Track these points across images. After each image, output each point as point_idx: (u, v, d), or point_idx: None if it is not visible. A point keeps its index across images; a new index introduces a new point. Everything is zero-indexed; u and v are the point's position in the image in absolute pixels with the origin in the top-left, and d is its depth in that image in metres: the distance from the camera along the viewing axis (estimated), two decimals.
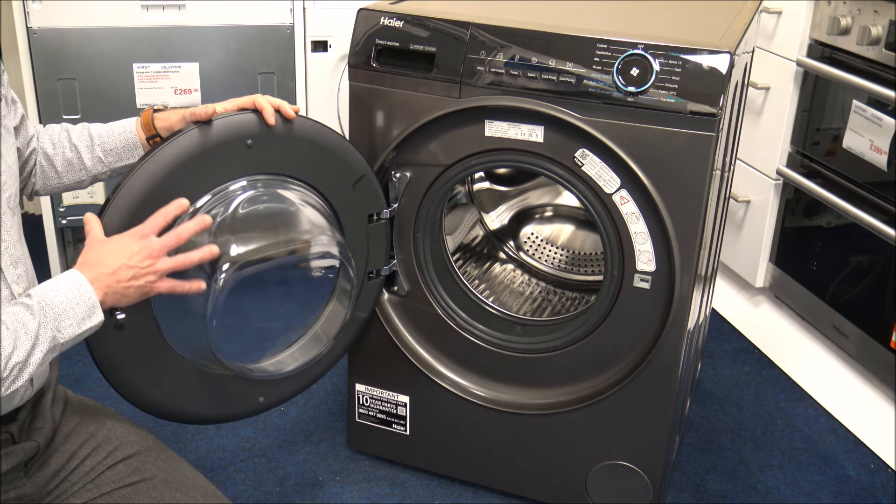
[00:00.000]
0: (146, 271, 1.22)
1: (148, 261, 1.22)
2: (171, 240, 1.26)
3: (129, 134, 1.41)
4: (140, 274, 1.22)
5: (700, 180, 1.50)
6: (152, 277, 1.23)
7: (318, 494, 1.91)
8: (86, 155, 1.40)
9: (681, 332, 1.61)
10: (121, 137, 1.41)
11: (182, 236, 1.27)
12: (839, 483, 2.00)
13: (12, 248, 1.21)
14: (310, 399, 2.20)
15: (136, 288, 1.22)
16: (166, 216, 1.28)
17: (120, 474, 1.31)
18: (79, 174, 1.42)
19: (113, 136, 1.41)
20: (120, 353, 1.34)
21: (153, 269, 1.23)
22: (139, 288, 1.22)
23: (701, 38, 1.51)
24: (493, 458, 1.86)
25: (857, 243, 2.25)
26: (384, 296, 1.81)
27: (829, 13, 2.23)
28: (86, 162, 1.40)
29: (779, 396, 2.30)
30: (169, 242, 1.25)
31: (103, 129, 1.42)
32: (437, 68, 1.60)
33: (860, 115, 2.16)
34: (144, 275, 1.22)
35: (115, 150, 1.41)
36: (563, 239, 2.18)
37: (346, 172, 1.58)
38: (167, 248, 1.25)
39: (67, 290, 1.15)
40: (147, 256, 1.22)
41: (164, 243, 1.25)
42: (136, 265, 1.21)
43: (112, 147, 1.41)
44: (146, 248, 1.23)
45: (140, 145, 1.41)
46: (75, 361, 2.25)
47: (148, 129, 1.41)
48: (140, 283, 1.22)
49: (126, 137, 1.41)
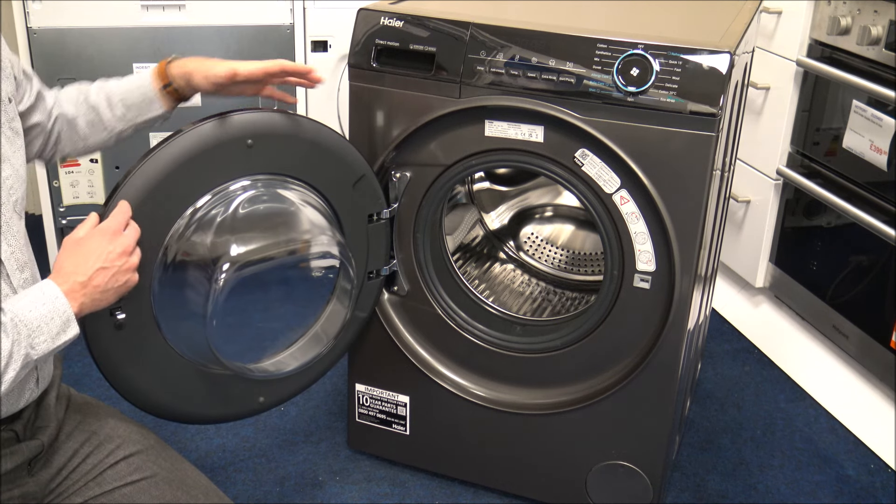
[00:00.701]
0: (123, 269, 1.21)
1: (123, 258, 1.21)
2: (136, 231, 1.25)
3: (146, 87, 1.40)
4: (118, 273, 1.21)
5: (700, 180, 1.50)
6: (129, 274, 1.23)
7: (318, 494, 1.91)
8: (106, 114, 1.40)
9: (681, 332, 1.61)
10: (137, 92, 1.40)
11: (136, 225, 1.26)
12: (839, 483, 2.00)
13: (18, 253, 1.21)
14: (310, 399, 2.20)
15: (114, 289, 1.21)
16: (126, 211, 1.26)
17: (121, 472, 1.32)
18: (102, 134, 1.42)
19: (129, 92, 1.40)
20: (120, 353, 1.34)
21: (129, 266, 1.22)
22: (118, 288, 1.22)
23: (701, 38, 1.51)
24: (493, 458, 1.86)
25: (857, 243, 2.25)
26: (384, 296, 1.81)
27: (829, 13, 2.23)
28: (106, 121, 1.40)
29: (779, 396, 2.30)
30: (136, 234, 1.25)
31: (120, 85, 1.41)
32: (437, 68, 1.60)
33: (860, 115, 2.16)
34: (122, 272, 1.21)
35: (134, 105, 1.40)
36: (563, 239, 2.18)
37: (346, 172, 1.58)
38: (135, 241, 1.25)
39: (42, 305, 1.13)
40: (122, 254, 1.21)
41: (133, 236, 1.24)
42: (112, 264, 1.20)
43: (130, 102, 1.40)
44: (121, 244, 1.22)
45: (156, 98, 1.41)
46: (75, 361, 2.25)
47: (162, 78, 1.40)
48: (119, 282, 1.21)
49: (142, 92, 1.40)
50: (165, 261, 1.34)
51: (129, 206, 1.27)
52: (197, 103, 2.41)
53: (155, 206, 1.31)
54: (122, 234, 1.23)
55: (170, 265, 1.34)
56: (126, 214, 1.26)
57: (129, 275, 1.23)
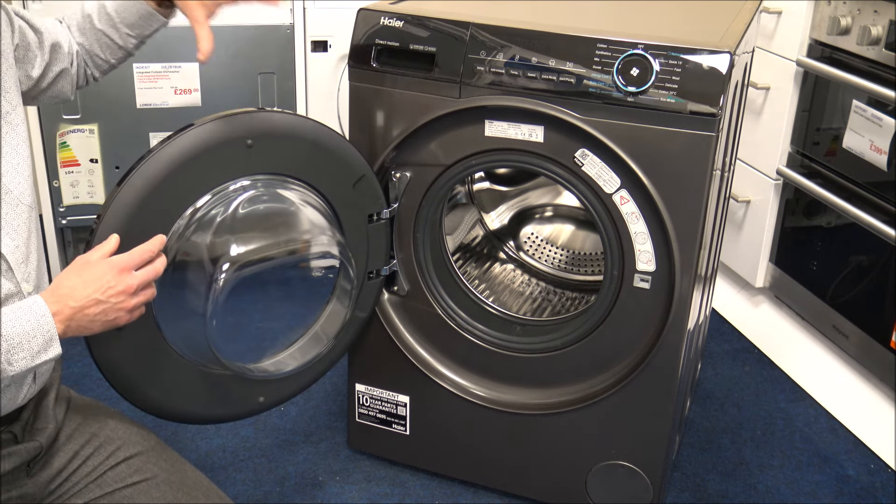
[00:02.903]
0: (118, 307, 1.19)
1: (122, 297, 1.18)
2: (150, 275, 1.22)
3: (141, 6, 1.40)
4: (110, 310, 1.18)
5: (700, 180, 1.50)
6: (121, 314, 1.20)
7: (318, 494, 1.91)
8: (114, 35, 1.40)
9: (681, 332, 1.61)
10: (134, 9, 1.40)
11: (159, 270, 1.24)
12: (839, 483, 2.00)
13: (23, 246, 1.21)
14: (310, 399, 2.20)
15: (102, 322, 1.19)
16: (151, 252, 1.23)
17: (122, 474, 1.31)
18: (119, 52, 1.43)
19: (127, 10, 1.40)
20: (120, 353, 1.34)
21: (125, 306, 1.19)
22: (106, 322, 1.19)
23: (701, 38, 1.51)
24: (493, 458, 1.86)
25: (857, 243, 2.25)
26: (384, 296, 1.81)
27: (829, 13, 2.23)
28: (117, 41, 1.41)
29: (779, 396, 2.30)
30: (147, 277, 1.22)
31: (116, 4, 1.41)
32: (437, 68, 1.60)
33: (860, 115, 2.16)
34: (115, 310, 1.19)
35: (136, 23, 1.41)
36: (563, 239, 2.18)
37: (346, 172, 1.58)
38: (144, 284, 1.22)
39: (26, 321, 1.11)
40: (122, 292, 1.18)
41: (142, 279, 1.21)
42: (107, 300, 1.17)
43: (131, 21, 1.40)
44: (123, 282, 1.19)
45: (153, 13, 1.40)
46: (75, 361, 2.25)
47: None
48: (109, 318, 1.19)
49: (138, 8, 1.40)
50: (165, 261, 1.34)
51: (159, 243, 1.25)
52: (197, 103, 2.42)
53: (155, 205, 1.31)
54: (131, 273, 1.20)
55: (170, 265, 1.34)
56: (147, 253, 1.23)
57: (120, 314, 1.19)
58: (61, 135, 2.35)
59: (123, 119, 2.37)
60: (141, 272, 1.22)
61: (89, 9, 1.41)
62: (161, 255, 1.26)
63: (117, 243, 1.23)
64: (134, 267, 1.21)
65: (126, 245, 1.25)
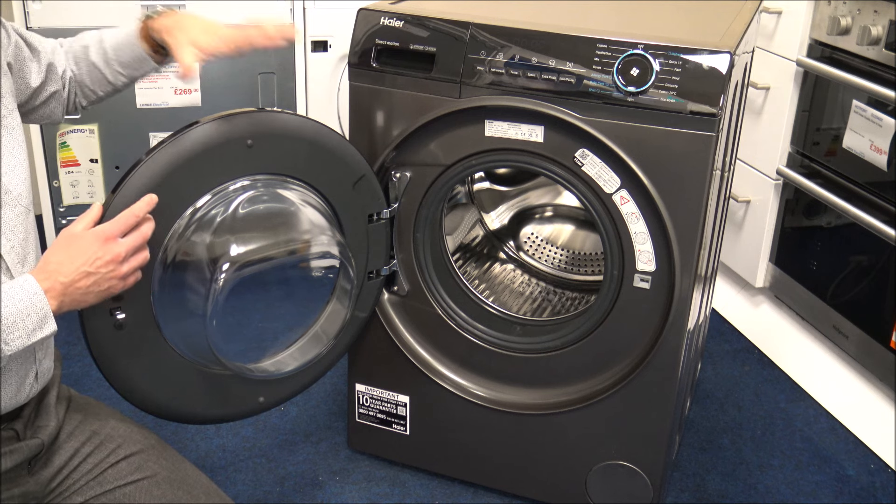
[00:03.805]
0: (109, 276, 1.18)
1: (111, 265, 1.18)
2: (137, 240, 1.21)
3: (136, 48, 1.41)
4: (102, 279, 1.17)
5: (700, 180, 1.50)
6: (115, 282, 1.19)
7: (318, 494, 1.91)
8: (106, 71, 1.42)
9: (681, 332, 1.61)
10: (128, 50, 1.41)
11: (146, 234, 1.22)
12: (839, 483, 2.00)
13: (19, 247, 1.21)
14: (310, 399, 2.20)
15: (96, 293, 1.18)
16: (137, 214, 1.22)
17: (122, 472, 1.32)
18: (108, 87, 1.44)
19: (122, 50, 1.41)
20: (120, 353, 1.34)
21: (116, 274, 1.19)
22: (100, 293, 1.19)
23: (701, 38, 1.51)
24: (493, 458, 1.86)
25: (857, 243, 2.25)
26: (384, 296, 1.81)
27: (829, 13, 2.23)
28: (108, 77, 1.42)
29: (779, 396, 2.30)
30: (135, 243, 1.21)
31: (114, 41, 1.41)
32: (437, 68, 1.60)
33: (860, 115, 2.16)
34: (107, 279, 1.18)
35: (129, 63, 1.42)
36: (563, 239, 2.18)
37: (346, 172, 1.58)
38: (132, 250, 1.20)
39: (19, 300, 1.11)
40: (111, 261, 1.17)
41: (129, 245, 1.20)
42: (97, 270, 1.16)
43: (125, 60, 1.41)
44: (110, 251, 1.18)
45: (146, 57, 1.41)
46: (75, 361, 2.25)
47: (149, 42, 1.40)
48: (102, 288, 1.18)
49: (132, 50, 1.41)
50: (165, 261, 1.34)
51: (145, 203, 1.23)
52: (197, 103, 2.42)
53: (155, 205, 1.31)
54: (116, 241, 1.19)
55: (170, 265, 1.34)
56: (132, 218, 1.21)
57: (113, 282, 1.19)
58: (61, 135, 2.36)
59: (123, 119, 2.37)
60: (128, 238, 1.20)
61: (87, 40, 1.42)
62: (149, 218, 1.24)
63: (100, 212, 1.22)
64: (119, 234, 1.19)
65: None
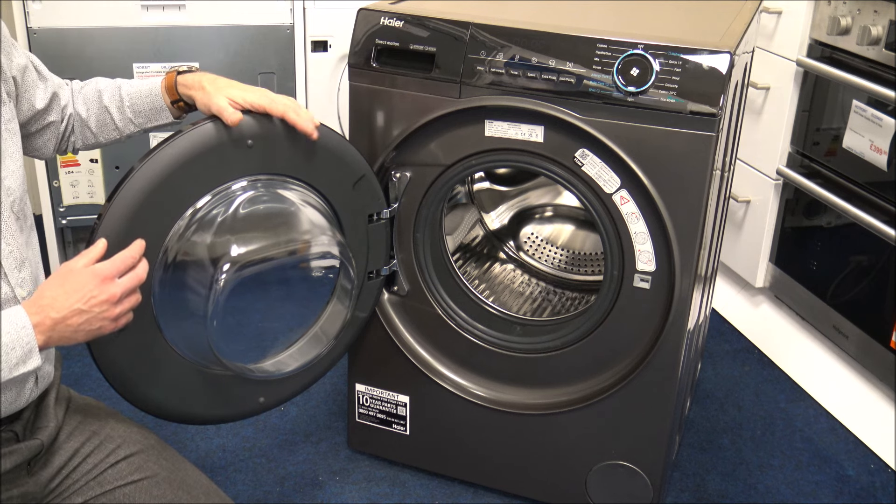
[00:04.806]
0: (101, 316, 1.16)
1: (105, 305, 1.16)
2: (133, 282, 1.20)
3: (156, 98, 1.41)
4: (94, 318, 1.16)
5: (700, 180, 1.50)
6: (106, 322, 1.17)
7: (318, 494, 1.91)
8: (116, 116, 1.41)
9: (681, 332, 1.61)
10: (147, 100, 1.41)
11: (141, 276, 1.21)
12: (839, 483, 2.00)
13: (17, 252, 1.21)
14: (310, 399, 2.20)
15: (86, 332, 1.16)
16: (134, 256, 1.21)
17: (122, 472, 1.32)
18: (112, 133, 1.43)
19: (141, 99, 1.41)
20: (120, 353, 1.34)
21: (108, 315, 1.17)
22: (90, 332, 1.17)
23: (701, 38, 1.51)
24: (493, 458, 1.86)
25: (857, 243, 2.25)
26: (384, 296, 1.81)
27: (829, 13, 2.23)
28: (117, 123, 1.42)
29: (779, 396, 2.30)
30: (130, 285, 1.20)
31: (132, 89, 1.41)
32: (437, 68, 1.60)
33: (860, 115, 2.16)
34: (99, 319, 1.16)
35: (144, 113, 1.41)
36: (563, 239, 2.18)
37: (346, 172, 1.58)
38: (128, 292, 1.19)
39: (6, 332, 1.09)
40: (105, 301, 1.16)
41: (125, 286, 1.18)
42: (90, 310, 1.15)
43: (140, 109, 1.41)
44: (106, 292, 1.16)
45: (165, 108, 1.41)
46: (75, 361, 2.25)
47: (172, 94, 1.41)
48: (93, 327, 1.16)
49: (152, 101, 1.41)
50: (166, 261, 1.34)
51: (139, 248, 1.23)
52: None
53: (155, 206, 1.31)
54: (114, 281, 1.17)
55: (170, 266, 1.34)
56: (130, 259, 1.20)
57: (104, 323, 1.17)
58: None
59: None
60: (124, 279, 1.19)
61: (102, 85, 1.42)
62: (143, 261, 1.23)
63: (104, 249, 1.21)
64: (117, 274, 1.18)
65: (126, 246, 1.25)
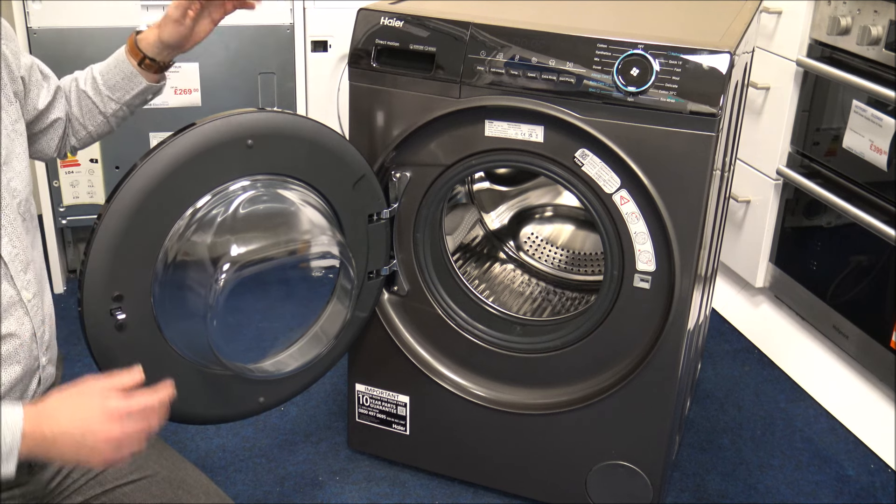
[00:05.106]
0: (93, 452, 1.07)
1: (102, 445, 1.07)
2: (140, 427, 1.11)
3: (123, 64, 1.40)
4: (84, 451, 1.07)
5: (700, 180, 1.50)
6: (96, 461, 1.09)
7: (318, 494, 1.91)
8: (95, 98, 1.41)
9: (681, 332, 1.61)
10: (116, 70, 1.40)
11: (153, 425, 1.12)
12: (839, 483, 2.00)
13: (23, 254, 1.21)
14: (310, 399, 2.20)
15: (73, 459, 1.09)
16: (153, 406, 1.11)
17: (122, 471, 1.32)
18: (98, 118, 1.42)
19: (110, 71, 1.40)
20: (120, 353, 1.34)
21: (103, 458, 1.09)
22: (77, 460, 1.10)
23: (701, 38, 1.51)
24: (493, 458, 1.86)
25: (857, 243, 2.25)
26: (384, 296, 1.81)
27: (829, 13, 2.23)
28: (97, 104, 1.41)
29: (779, 396, 2.30)
30: (135, 430, 1.10)
31: (102, 66, 1.41)
32: (437, 68, 1.60)
33: (860, 115, 2.16)
34: (90, 454, 1.08)
35: (118, 85, 1.40)
36: (563, 239, 2.18)
37: (346, 172, 1.58)
38: (130, 439, 1.10)
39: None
40: (103, 440, 1.07)
41: (129, 431, 1.09)
42: (91, 446, 1.07)
43: (114, 83, 1.40)
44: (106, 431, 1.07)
45: (135, 73, 1.40)
46: (75, 361, 2.25)
47: (135, 54, 1.40)
48: (81, 459, 1.09)
49: (121, 68, 1.40)
50: (166, 261, 1.34)
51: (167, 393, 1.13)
52: (197, 103, 2.42)
53: (155, 206, 1.31)
54: (121, 421, 1.08)
55: (170, 265, 1.34)
56: (149, 403, 1.11)
57: (93, 459, 1.09)
58: None
59: None
60: (132, 423, 1.09)
61: (78, 74, 1.43)
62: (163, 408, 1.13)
63: (139, 381, 1.12)
64: (127, 415, 1.09)
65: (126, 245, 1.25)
